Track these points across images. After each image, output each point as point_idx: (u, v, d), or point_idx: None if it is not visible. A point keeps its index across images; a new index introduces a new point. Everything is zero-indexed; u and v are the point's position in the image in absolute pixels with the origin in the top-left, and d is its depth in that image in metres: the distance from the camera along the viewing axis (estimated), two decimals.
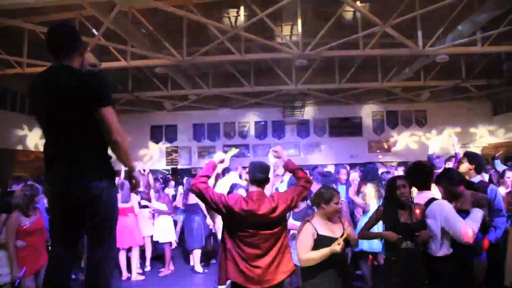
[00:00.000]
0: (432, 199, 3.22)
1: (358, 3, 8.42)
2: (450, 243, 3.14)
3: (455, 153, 5.75)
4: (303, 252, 3.24)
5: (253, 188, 3.17)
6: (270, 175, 3.43)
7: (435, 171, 4.43)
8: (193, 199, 6.55)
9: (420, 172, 3.48)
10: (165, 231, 6.92)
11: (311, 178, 4.99)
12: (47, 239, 4.49)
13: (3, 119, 12.22)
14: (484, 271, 3.67)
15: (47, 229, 4.41)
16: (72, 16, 9.02)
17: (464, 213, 3.20)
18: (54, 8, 8.52)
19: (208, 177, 3.29)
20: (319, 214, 3.40)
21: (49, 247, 4.54)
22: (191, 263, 7.07)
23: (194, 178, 3.29)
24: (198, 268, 6.82)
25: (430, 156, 6.15)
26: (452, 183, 3.47)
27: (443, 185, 3.54)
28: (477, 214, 3.16)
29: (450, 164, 6.02)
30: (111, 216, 2.47)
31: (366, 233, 3.64)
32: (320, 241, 3.21)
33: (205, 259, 7.28)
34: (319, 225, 3.31)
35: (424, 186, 3.39)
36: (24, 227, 4.32)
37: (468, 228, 2.98)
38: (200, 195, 3.13)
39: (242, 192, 3.79)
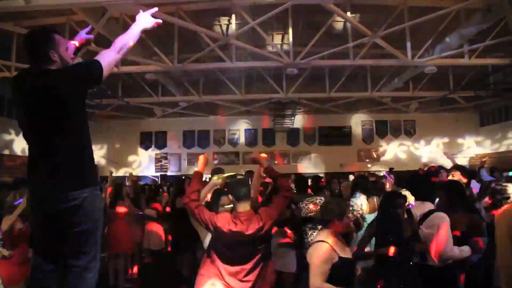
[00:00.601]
0: (432, 211, 3.22)
1: (348, 13, 8.50)
2: None
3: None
4: (319, 281, 2.87)
5: (241, 208, 3.15)
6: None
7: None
8: (180, 203, 6.48)
9: (423, 183, 3.46)
10: (155, 237, 6.86)
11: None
12: None
13: None
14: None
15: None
16: (62, 21, 8.96)
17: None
18: (44, 13, 8.45)
19: (199, 190, 3.30)
20: (331, 233, 3.08)
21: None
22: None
23: (185, 195, 3.30)
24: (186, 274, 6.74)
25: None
26: (462, 198, 3.55)
27: (448, 197, 3.60)
28: (465, 251, 3.18)
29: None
30: (94, 226, 2.35)
31: (363, 253, 3.55)
32: (343, 265, 2.92)
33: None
34: (336, 246, 3.00)
35: (425, 198, 3.37)
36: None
37: (448, 252, 3.02)
38: (192, 214, 3.20)
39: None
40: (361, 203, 5.00)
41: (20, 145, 13.06)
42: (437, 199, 3.72)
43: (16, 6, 6.93)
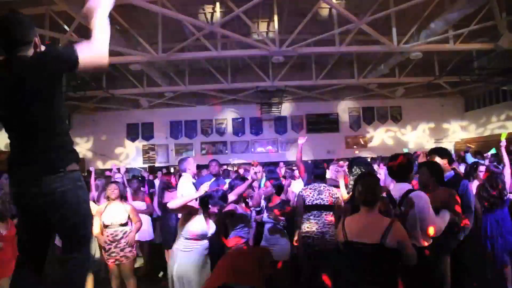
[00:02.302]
0: (410, 191, 3.24)
1: (334, 0, 8.47)
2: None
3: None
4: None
5: None
6: None
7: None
8: (168, 197, 6.45)
9: (400, 164, 3.49)
10: (143, 230, 6.80)
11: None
12: None
13: None
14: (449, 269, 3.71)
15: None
16: (42, 11, 8.72)
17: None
18: (22, 3, 8.20)
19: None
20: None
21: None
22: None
23: None
24: None
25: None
26: (432, 175, 3.60)
27: (423, 176, 3.67)
28: (445, 215, 3.23)
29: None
30: (83, 218, 2.24)
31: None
32: None
33: None
34: None
35: (402, 178, 3.42)
36: (3, 233, 4.20)
37: (435, 225, 3.06)
38: None
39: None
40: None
41: (3, 140, 12.81)
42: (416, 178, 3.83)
43: None
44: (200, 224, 3.88)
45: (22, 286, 2.25)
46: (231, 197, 4.30)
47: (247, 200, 5.05)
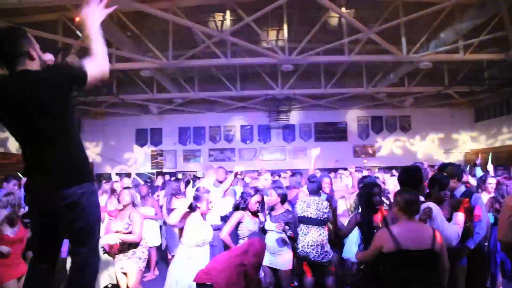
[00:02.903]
0: (421, 202, 3.23)
1: (343, 9, 8.50)
2: None
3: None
4: None
5: None
6: None
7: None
8: (176, 203, 6.47)
9: (412, 176, 3.48)
10: (150, 235, 6.83)
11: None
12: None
13: None
14: (464, 276, 3.70)
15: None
16: (55, 17, 8.90)
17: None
18: (36, 9, 8.38)
19: None
20: None
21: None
22: None
23: None
24: None
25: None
26: (441, 189, 3.57)
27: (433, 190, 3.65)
28: (459, 218, 3.22)
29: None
30: (93, 222, 2.38)
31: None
32: None
33: None
34: None
35: (413, 189, 3.37)
36: (11, 236, 4.24)
37: (453, 231, 3.05)
38: None
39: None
40: None
41: (14, 143, 12.96)
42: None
43: (9, 3, 6.87)
44: (200, 230, 3.92)
45: (35, 283, 2.35)
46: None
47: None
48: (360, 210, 4.01)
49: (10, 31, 2.25)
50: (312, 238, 4.56)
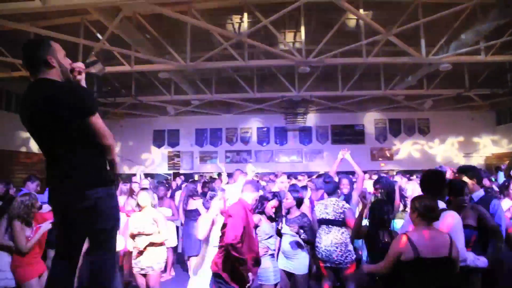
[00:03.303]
0: (442, 210, 3.15)
1: (361, 11, 8.44)
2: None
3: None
4: None
5: None
6: None
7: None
8: (192, 205, 6.51)
9: (434, 181, 3.38)
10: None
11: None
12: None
13: (7, 121, 12.28)
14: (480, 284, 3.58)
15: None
16: (77, 20, 9.09)
17: (467, 228, 3.17)
18: (59, 13, 8.57)
19: None
20: None
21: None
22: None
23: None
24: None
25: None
26: (459, 194, 3.47)
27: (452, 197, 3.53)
28: (481, 262, 3.13)
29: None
30: (110, 226, 2.48)
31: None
32: None
33: None
34: None
35: (435, 196, 3.29)
36: (28, 238, 4.33)
37: (469, 255, 2.98)
38: None
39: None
40: None
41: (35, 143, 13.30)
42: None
43: (33, 7, 7.05)
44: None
45: (58, 280, 2.46)
46: None
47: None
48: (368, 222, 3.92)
49: (31, 41, 2.45)
50: (335, 237, 4.46)
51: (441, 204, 3.20)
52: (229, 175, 7.20)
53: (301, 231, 4.44)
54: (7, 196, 5.84)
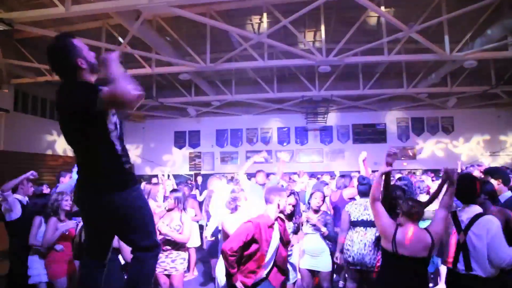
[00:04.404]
0: (480, 214, 3.02)
1: (382, 8, 8.30)
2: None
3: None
4: None
5: None
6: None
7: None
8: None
9: (468, 185, 3.26)
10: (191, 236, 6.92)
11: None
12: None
13: (34, 125, 12.64)
14: None
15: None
16: (98, 25, 9.28)
17: None
18: (81, 18, 8.76)
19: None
20: None
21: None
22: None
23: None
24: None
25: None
26: (489, 197, 3.36)
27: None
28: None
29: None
30: (141, 221, 2.45)
31: None
32: None
33: None
34: None
35: (470, 200, 3.17)
36: (66, 233, 4.45)
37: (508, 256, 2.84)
38: None
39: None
40: None
41: (61, 146, 13.62)
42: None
43: (56, 13, 7.23)
44: None
45: (87, 278, 2.52)
46: None
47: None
48: None
49: (55, 46, 2.32)
50: (370, 239, 4.35)
51: (477, 209, 3.09)
52: (251, 175, 7.22)
53: (324, 228, 4.47)
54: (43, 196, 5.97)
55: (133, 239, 2.47)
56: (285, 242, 3.70)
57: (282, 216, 4.35)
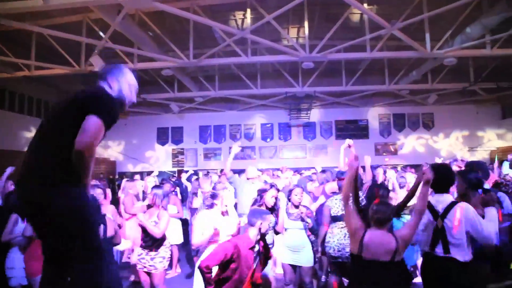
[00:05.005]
0: (454, 203, 3.12)
1: (365, 5, 8.36)
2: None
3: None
4: None
5: None
6: None
7: None
8: (197, 203, 6.50)
9: (443, 175, 3.36)
10: (172, 233, 6.87)
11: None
12: None
13: (11, 122, 12.31)
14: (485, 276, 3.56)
15: None
16: (79, 19, 9.07)
17: None
18: (61, 11, 8.55)
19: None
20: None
21: None
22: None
23: None
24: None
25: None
26: (471, 187, 3.44)
27: (460, 187, 3.50)
28: (492, 212, 3.11)
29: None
30: (76, 227, 2.13)
31: None
32: None
33: None
34: None
35: (444, 190, 3.26)
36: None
37: (492, 229, 2.94)
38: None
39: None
40: None
41: None
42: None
43: (35, 6, 7.03)
44: (221, 227, 3.94)
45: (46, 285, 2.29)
46: None
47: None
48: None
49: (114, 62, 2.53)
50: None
51: (449, 198, 3.18)
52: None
53: (309, 219, 4.49)
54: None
55: (69, 247, 2.21)
56: (264, 260, 3.73)
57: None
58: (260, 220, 3.56)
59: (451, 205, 3.09)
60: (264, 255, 3.72)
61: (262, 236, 3.68)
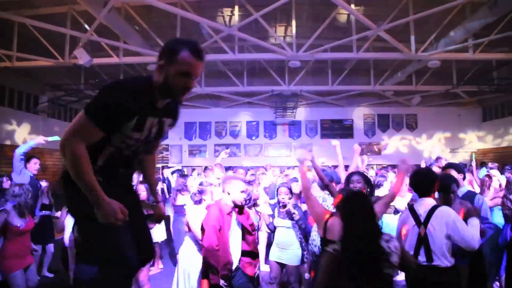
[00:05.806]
0: (436, 207, 3.15)
1: (352, 6, 8.44)
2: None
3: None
4: None
5: None
6: None
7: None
8: (181, 200, 6.48)
9: (425, 178, 3.38)
10: (154, 230, 6.83)
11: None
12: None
13: None
14: (466, 277, 3.63)
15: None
16: (64, 10, 8.91)
17: None
18: (45, 2, 8.40)
19: None
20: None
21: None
22: None
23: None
24: None
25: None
26: (448, 190, 3.49)
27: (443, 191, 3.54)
28: (475, 222, 3.15)
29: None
30: (76, 215, 2.11)
31: None
32: None
33: None
34: None
35: (426, 193, 3.27)
36: (21, 228, 4.26)
37: (475, 235, 2.98)
38: None
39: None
40: None
41: (21, 136, 13.04)
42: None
43: None
44: None
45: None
46: None
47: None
48: None
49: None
50: None
51: (431, 201, 3.22)
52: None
53: (295, 211, 4.52)
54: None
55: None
56: (249, 230, 3.73)
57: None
58: (226, 184, 3.65)
59: (432, 209, 3.11)
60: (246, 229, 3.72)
61: (240, 207, 3.69)
